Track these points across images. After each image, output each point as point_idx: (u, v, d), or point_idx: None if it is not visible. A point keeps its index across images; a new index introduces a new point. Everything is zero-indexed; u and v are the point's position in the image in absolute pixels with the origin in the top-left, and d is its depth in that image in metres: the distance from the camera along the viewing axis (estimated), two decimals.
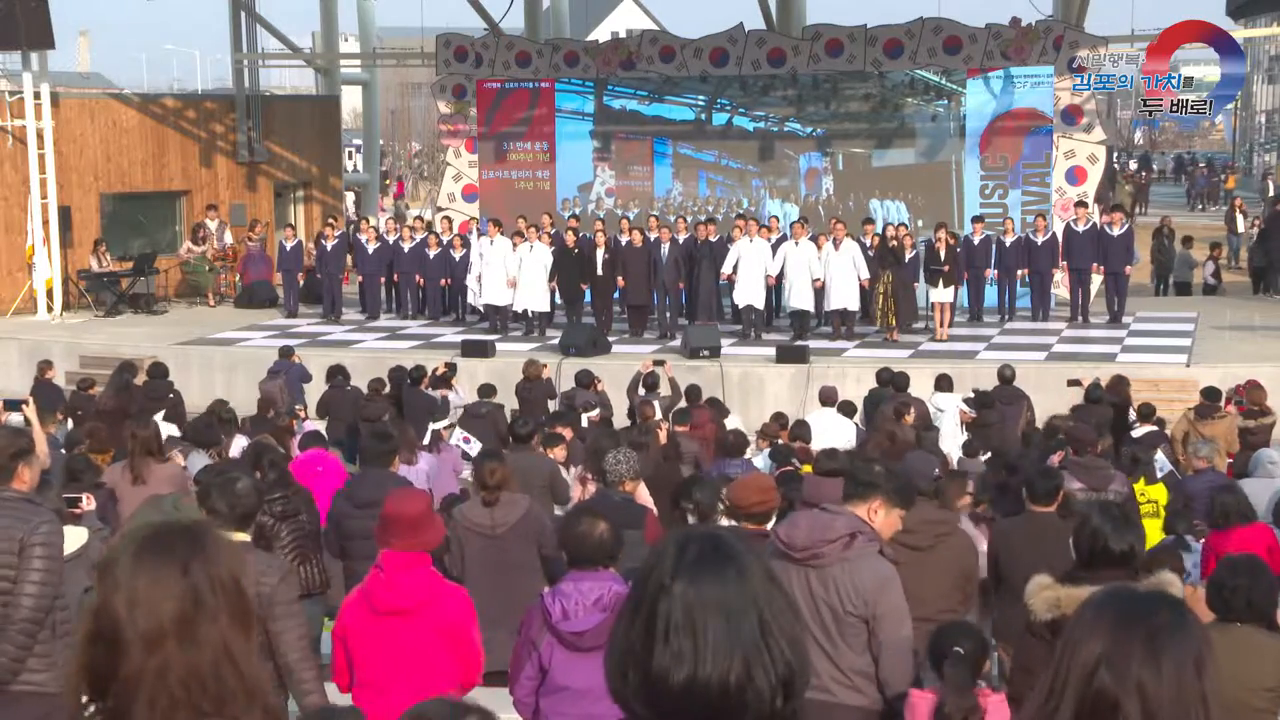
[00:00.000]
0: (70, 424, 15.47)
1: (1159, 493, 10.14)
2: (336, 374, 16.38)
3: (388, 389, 15.62)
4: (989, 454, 12.16)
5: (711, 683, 1.95)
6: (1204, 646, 2.18)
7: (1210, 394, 14.19)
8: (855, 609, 5.06)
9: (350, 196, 36.48)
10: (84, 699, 2.25)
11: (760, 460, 12.54)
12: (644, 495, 8.25)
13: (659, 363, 16.98)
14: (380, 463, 8.60)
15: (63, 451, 11.07)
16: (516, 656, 5.26)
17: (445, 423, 13.08)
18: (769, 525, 6.08)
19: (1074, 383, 15.76)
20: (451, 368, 16.93)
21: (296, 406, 15.48)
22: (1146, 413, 13.95)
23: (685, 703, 1.96)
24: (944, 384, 15.30)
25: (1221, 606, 5.27)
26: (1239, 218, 32.46)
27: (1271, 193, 40.10)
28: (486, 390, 15.35)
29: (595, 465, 8.74)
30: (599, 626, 4.95)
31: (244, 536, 5.52)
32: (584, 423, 14.27)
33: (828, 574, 5.06)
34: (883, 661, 5.11)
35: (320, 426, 14.31)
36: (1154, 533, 9.29)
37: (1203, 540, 8.81)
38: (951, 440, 13.76)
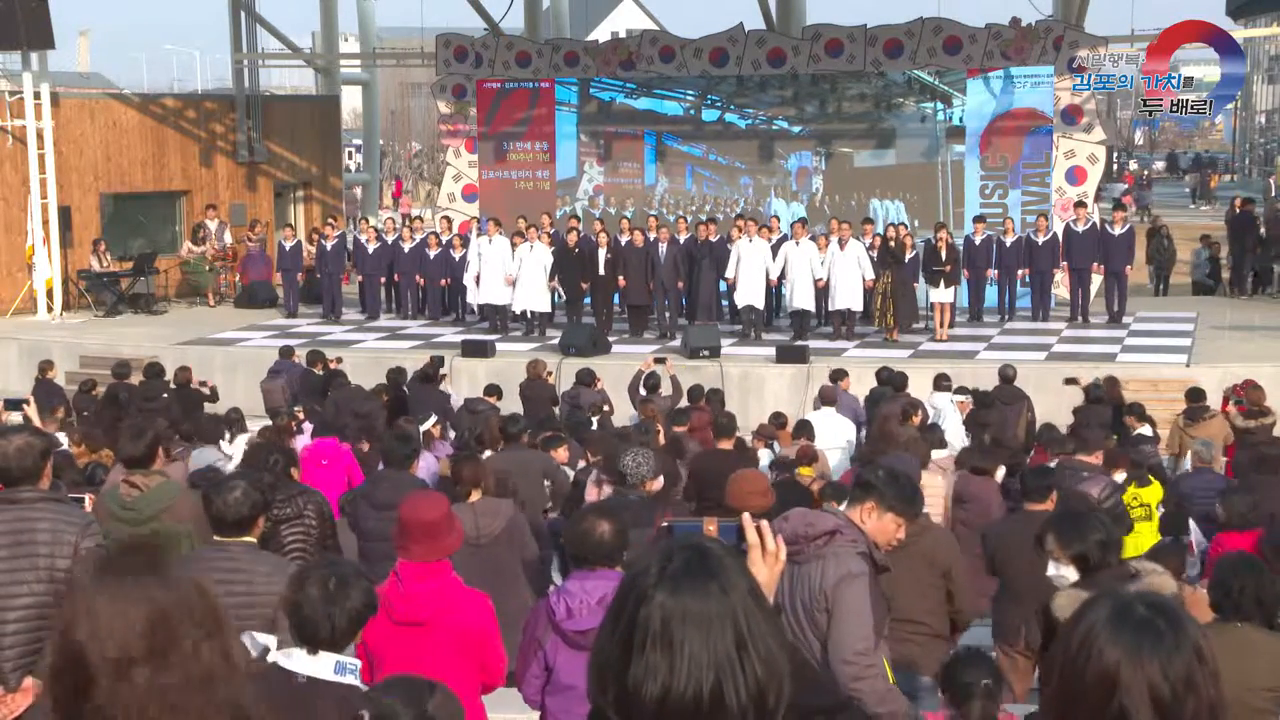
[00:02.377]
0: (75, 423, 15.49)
1: (1152, 495, 10.07)
2: (335, 375, 16.36)
3: (386, 399, 15.19)
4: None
5: (685, 697, 1.93)
6: (1210, 650, 2.15)
7: (1195, 395, 14.14)
8: (817, 604, 5.05)
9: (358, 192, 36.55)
10: None
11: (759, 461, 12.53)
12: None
13: (660, 360, 16.95)
14: (401, 464, 8.57)
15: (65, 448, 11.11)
16: (523, 655, 5.25)
17: (431, 421, 13.06)
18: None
19: (1070, 381, 15.72)
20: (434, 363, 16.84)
21: (296, 407, 15.42)
22: (1139, 412, 13.91)
23: (658, 717, 1.94)
24: (943, 383, 15.28)
25: (1230, 607, 5.22)
26: None
27: (1273, 192, 40.12)
28: (491, 390, 15.33)
29: (612, 468, 8.64)
30: None
31: (248, 539, 5.51)
32: (594, 424, 14.19)
33: (803, 570, 5.06)
34: (830, 657, 5.05)
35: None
36: (1147, 535, 9.26)
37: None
38: (957, 437, 13.72)
